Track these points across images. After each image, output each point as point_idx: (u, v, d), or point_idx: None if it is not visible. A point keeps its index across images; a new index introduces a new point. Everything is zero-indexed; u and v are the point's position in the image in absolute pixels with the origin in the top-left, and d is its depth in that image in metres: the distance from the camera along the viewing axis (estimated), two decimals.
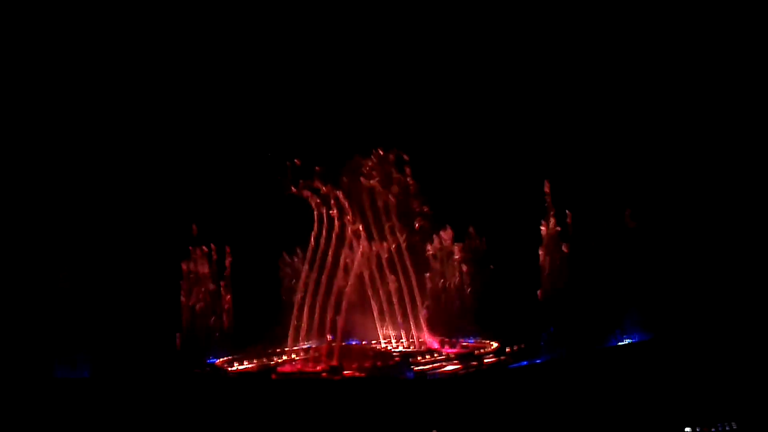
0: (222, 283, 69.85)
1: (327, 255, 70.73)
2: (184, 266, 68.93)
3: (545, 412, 45.84)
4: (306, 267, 71.44)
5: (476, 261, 71.29)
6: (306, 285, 70.84)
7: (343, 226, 70.57)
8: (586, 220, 65.14)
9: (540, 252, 65.33)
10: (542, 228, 65.87)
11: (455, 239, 71.74)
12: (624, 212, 64.22)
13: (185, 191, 73.61)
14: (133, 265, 70.69)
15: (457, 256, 71.24)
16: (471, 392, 52.46)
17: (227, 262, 70.09)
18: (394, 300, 70.66)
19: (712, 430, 38.59)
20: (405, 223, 70.88)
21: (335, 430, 47.03)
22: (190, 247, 69.32)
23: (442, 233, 71.72)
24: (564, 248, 64.78)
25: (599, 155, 70.59)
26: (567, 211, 65.41)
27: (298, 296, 70.91)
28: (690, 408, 41.88)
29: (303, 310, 70.71)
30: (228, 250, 70.30)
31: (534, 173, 68.00)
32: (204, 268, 69.46)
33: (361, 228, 70.09)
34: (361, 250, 69.91)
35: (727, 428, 38.33)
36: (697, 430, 38.70)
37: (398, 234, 70.51)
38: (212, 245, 69.76)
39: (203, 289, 69.08)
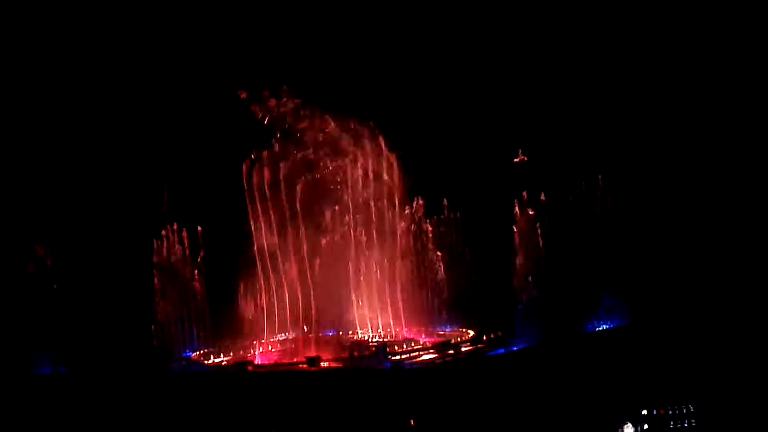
0: (195, 272, 69.48)
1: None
2: (155, 257, 68.45)
3: (523, 399, 45.87)
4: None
5: (451, 241, 71.43)
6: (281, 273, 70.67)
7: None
8: (560, 199, 65.45)
9: (514, 231, 65.32)
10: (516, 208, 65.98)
11: (428, 213, 71.84)
12: (600, 193, 64.61)
13: (154, 172, 72.83)
14: (105, 256, 70.15)
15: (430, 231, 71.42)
16: (448, 381, 52.40)
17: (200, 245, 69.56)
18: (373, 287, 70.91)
19: (669, 412, 38.74)
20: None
21: (313, 421, 46.88)
22: (163, 231, 68.71)
23: (414, 205, 71.81)
24: (530, 212, 64.68)
25: (575, 134, 70.88)
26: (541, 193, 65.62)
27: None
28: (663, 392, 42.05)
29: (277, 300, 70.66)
30: (200, 231, 69.87)
31: (508, 149, 68.00)
32: (176, 256, 68.85)
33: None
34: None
35: (684, 410, 38.49)
36: (654, 412, 38.85)
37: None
38: (184, 231, 69.28)
39: (176, 280, 68.66)
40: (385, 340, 68.51)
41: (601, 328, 61.51)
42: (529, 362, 56.01)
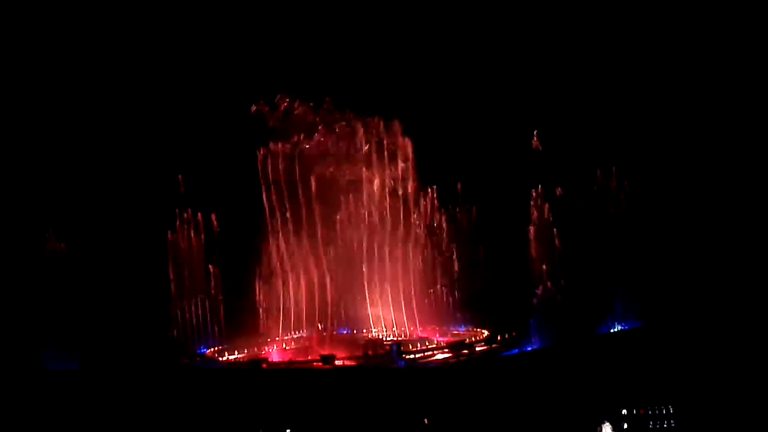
0: (211, 268, 69.59)
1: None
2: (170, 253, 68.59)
3: (536, 399, 45.72)
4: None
5: (465, 234, 71.38)
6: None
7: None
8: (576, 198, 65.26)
9: (530, 231, 65.10)
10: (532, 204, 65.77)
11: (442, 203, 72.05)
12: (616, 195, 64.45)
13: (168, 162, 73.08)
14: (120, 252, 70.30)
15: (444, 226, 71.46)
16: (462, 381, 52.28)
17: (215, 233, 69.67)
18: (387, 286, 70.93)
19: (649, 412, 38.70)
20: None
21: (327, 419, 46.84)
22: (178, 224, 68.92)
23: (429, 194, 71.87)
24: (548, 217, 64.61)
25: (593, 134, 70.65)
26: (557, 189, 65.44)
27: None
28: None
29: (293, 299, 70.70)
30: (214, 217, 69.98)
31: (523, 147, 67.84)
32: (192, 253, 68.95)
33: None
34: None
35: (663, 411, 38.41)
36: (633, 412, 38.81)
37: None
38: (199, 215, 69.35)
39: (191, 277, 68.78)
40: (399, 339, 68.32)
41: (616, 330, 61.16)
42: (543, 363, 55.75)
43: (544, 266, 63.53)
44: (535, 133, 66.92)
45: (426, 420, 44.53)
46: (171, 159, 72.96)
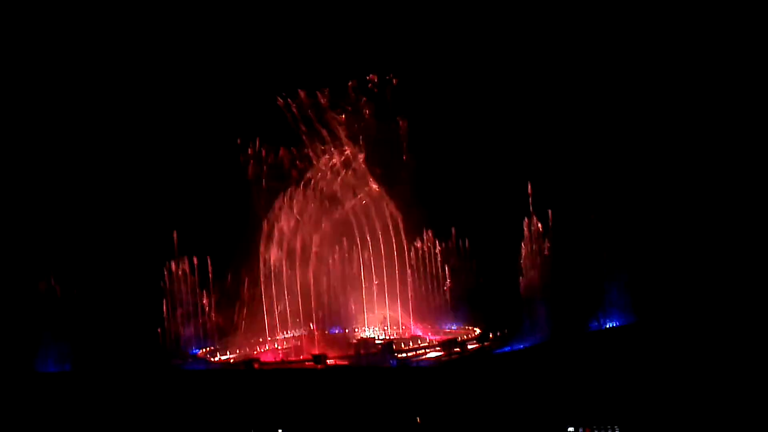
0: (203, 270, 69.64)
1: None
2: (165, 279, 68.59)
3: (529, 397, 45.77)
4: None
5: (459, 261, 71.51)
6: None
7: None
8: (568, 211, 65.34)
9: (522, 246, 65.20)
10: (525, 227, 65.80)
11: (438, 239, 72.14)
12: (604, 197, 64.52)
13: (165, 188, 73.04)
14: (115, 258, 70.25)
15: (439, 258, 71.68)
16: (454, 379, 52.33)
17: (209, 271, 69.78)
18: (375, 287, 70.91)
19: (594, 428, 38.75)
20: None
21: (319, 419, 46.83)
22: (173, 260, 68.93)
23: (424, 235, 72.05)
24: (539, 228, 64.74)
25: (576, 138, 70.84)
26: (549, 211, 65.44)
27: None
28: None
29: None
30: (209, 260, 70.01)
31: (516, 175, 67.79)
32: (186, 280, 69.01)
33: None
34: None
35: (609, 429, 38.46)
36: (580, 430, 38.85)
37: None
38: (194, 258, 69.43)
39: (185, 290, 68.78)
40: (391, 337, 68.33)
41: (607, 327, 61.26)
42: (535, 360, 55.86)
43: (534, 265, 63.64)
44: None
45: (418, 418, 44.50)
46: (168, 159, 73.37)
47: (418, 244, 72.58)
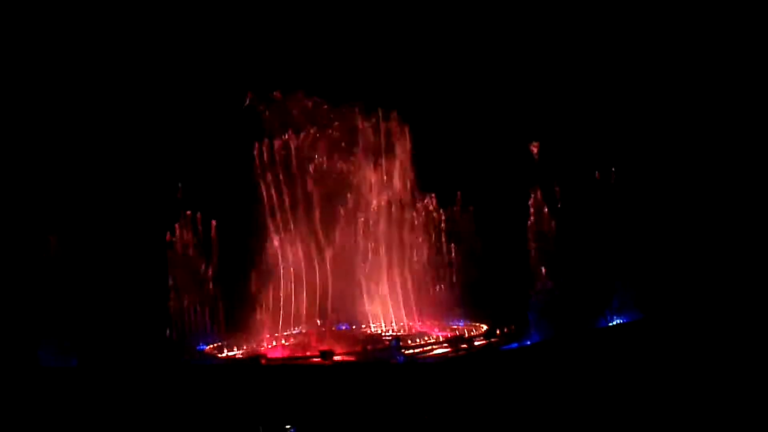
0: (209, 264, 69.38)
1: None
2: (168, 248, 68.36)
3: (537, 394, 45.66)
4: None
5: (463, 234, 71.25)
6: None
7: None
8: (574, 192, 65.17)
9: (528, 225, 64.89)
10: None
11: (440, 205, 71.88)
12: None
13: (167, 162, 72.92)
14: (118, 250, 70.17)
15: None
16: (462, 375, 52.25)
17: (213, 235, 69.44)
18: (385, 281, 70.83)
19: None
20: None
21: (326, 415, 46.77)
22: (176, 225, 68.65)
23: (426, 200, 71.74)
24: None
25: (589, 124, 70.67)
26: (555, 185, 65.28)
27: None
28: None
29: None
30: (214, 224, 69.72)
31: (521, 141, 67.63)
32: (190, 247, 68.75)
33: None
34: None
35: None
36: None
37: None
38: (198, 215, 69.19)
39: (190, 272, 68.56)
40: (398, 333, 68.27)
41: (615, 323, 61.11)
42: (543, 356, 55.73)
43: (541, 260, 63.43)
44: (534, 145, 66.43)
45: (426, 415, 44.43)
46: (168, 159, 73.08)
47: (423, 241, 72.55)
